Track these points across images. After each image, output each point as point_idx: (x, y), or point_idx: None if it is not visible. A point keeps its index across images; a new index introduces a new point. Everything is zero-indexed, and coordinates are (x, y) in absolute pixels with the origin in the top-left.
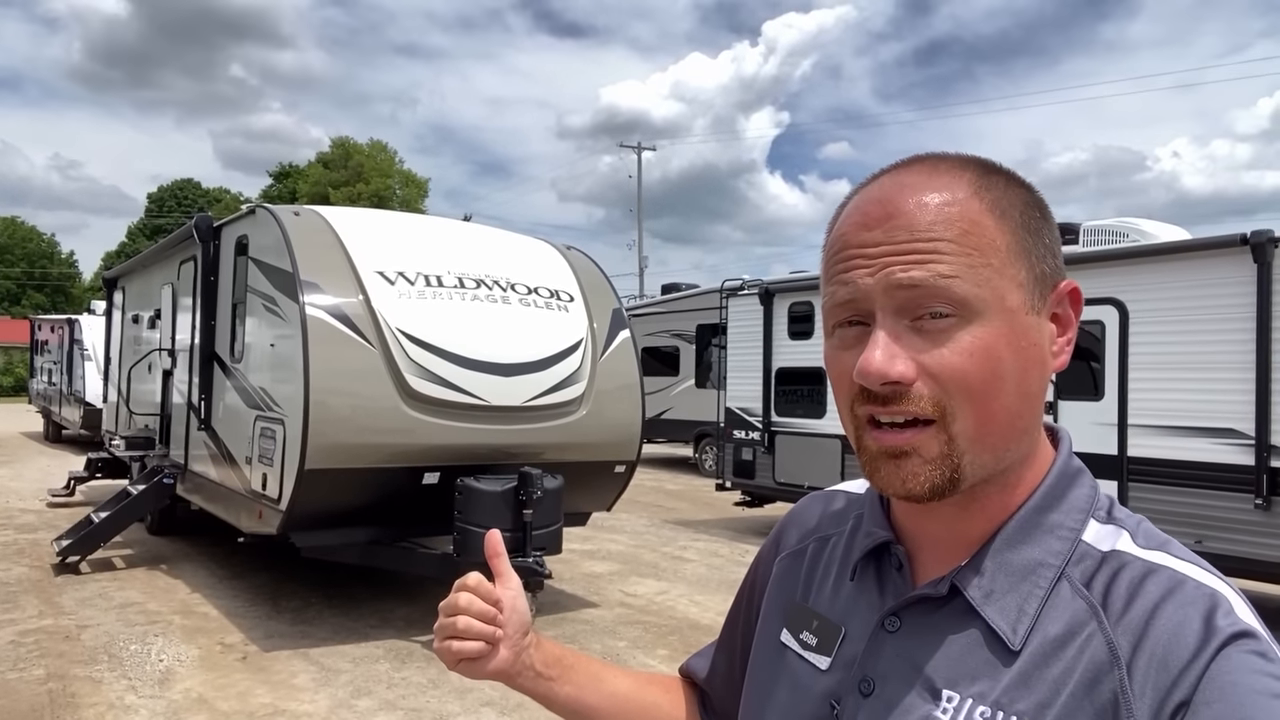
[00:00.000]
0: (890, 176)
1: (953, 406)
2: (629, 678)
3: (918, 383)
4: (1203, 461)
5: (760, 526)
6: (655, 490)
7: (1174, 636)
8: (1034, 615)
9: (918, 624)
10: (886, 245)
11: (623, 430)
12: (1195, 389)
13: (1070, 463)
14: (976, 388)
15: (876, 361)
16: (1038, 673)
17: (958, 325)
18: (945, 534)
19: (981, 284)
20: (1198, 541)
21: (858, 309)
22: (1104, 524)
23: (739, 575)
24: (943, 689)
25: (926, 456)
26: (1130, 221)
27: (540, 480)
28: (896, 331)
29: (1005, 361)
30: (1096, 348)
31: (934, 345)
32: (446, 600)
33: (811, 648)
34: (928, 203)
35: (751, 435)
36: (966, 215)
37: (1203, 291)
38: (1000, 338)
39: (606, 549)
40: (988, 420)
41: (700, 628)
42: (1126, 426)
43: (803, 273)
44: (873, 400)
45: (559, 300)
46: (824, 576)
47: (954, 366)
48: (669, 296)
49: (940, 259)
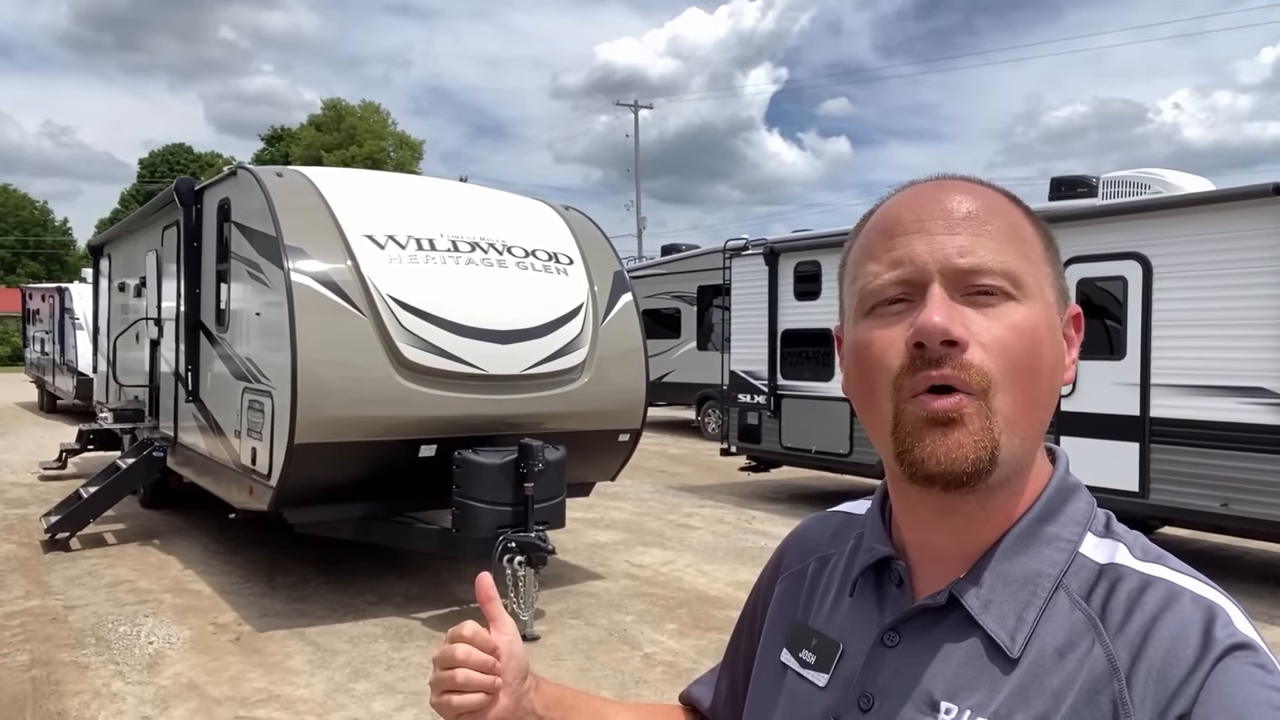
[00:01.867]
0: (932, 181)
1: (999, 381)
2: (631, 712)
3: (970, 350)
4: (1230, 421)
5: (766, 492)
6: (658, 455)
7: (1172, 648)
8: (1032, 624)
9: (916, 637)
10: (943, 222)
11: (627, 397)
12: (1223, 346)
13: (1067, 478)
14: (1019, 364)
15: (938, 318)
16: (1036, 684)
17: (1008, 303)
18: (948, 546)
19: (1028, 272)
20: (1223, 505)
21: (910, 284)
22: (1101, 538)
23: (746, 543)
24: (941, 700)
25: (972, 428)
26: (1152, 172)
27: (541, 452)
28: (952, 298)
29: (1045, 345)
30: (1117, 305)
31: (984, 318)
32: (441, 653)
33: (810, 665)
34: (977, 198)
35: (757, 399)
36: (1011, 214)
37: (1231, 244)
38: (1043, 323)
39: (610, 517)
40: (1025, 400)
41: (708, 599)
42: (1149, 386)
43: (807, 231)
44: (923, 367)
45: (558, 263)
46: (824, 595)
47: (1002, 339)
48: (669, 257)
49: (993, 242)
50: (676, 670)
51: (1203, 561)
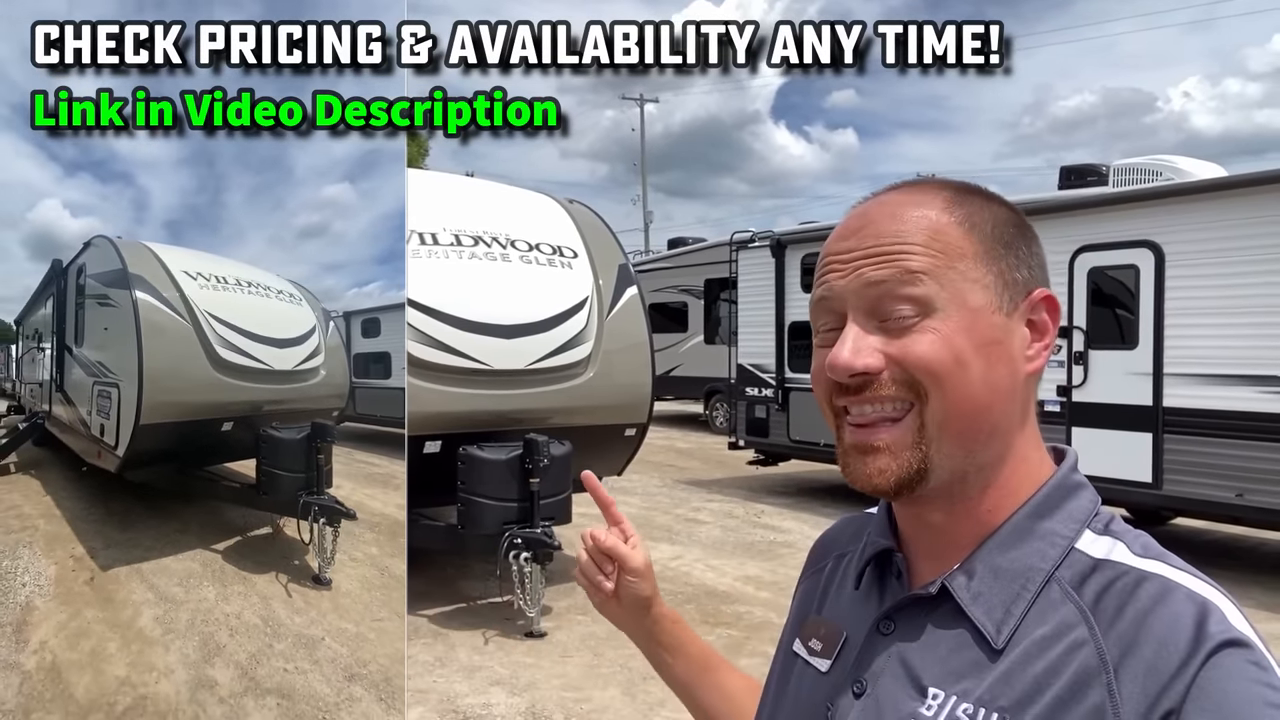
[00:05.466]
0: (874, 198)
1: (923, 391)
2: (738, 678)
3: (885, 372)
4: (1245, 411)
5: (775, 486)
6: (666, 449)
7: (1164, 643)
8: (1020, 616)
9: (910, 626)
10: (858, 250)
11: (633, 392)
12: (1237, 335)
13: (1071, 477)
14: (939, 372)
15: (843, 355)
16: (1021, 670)
17: (921, 320)
18: (936, 540)
19: (944, 284)
20: (1238, 495)
21: (833, 312)
22: (1100, 535)
23: (754, 537)
24: (929, 686)
25: (895, 451)
26: (1164, 159)
27: (547, 447)
28: (865, 329)
29: (966, 352)
30: (1129, 294)
31: (900, 340)
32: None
33: (816, 653)
34: (899, 214)
35: (764, 392)
36: (934, 225)
37: (1245, 231)
38: (960, 331)
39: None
40: (955, 406)
41: (717, 594)
42: (1163, 376)
43: (814, 223)
44: (845, 392)
45: (562, 257)
46: (838, 589)
47: (916, 354)
48: (675, 251)
49: (905, 259)
50: None
51: (1217, 553)
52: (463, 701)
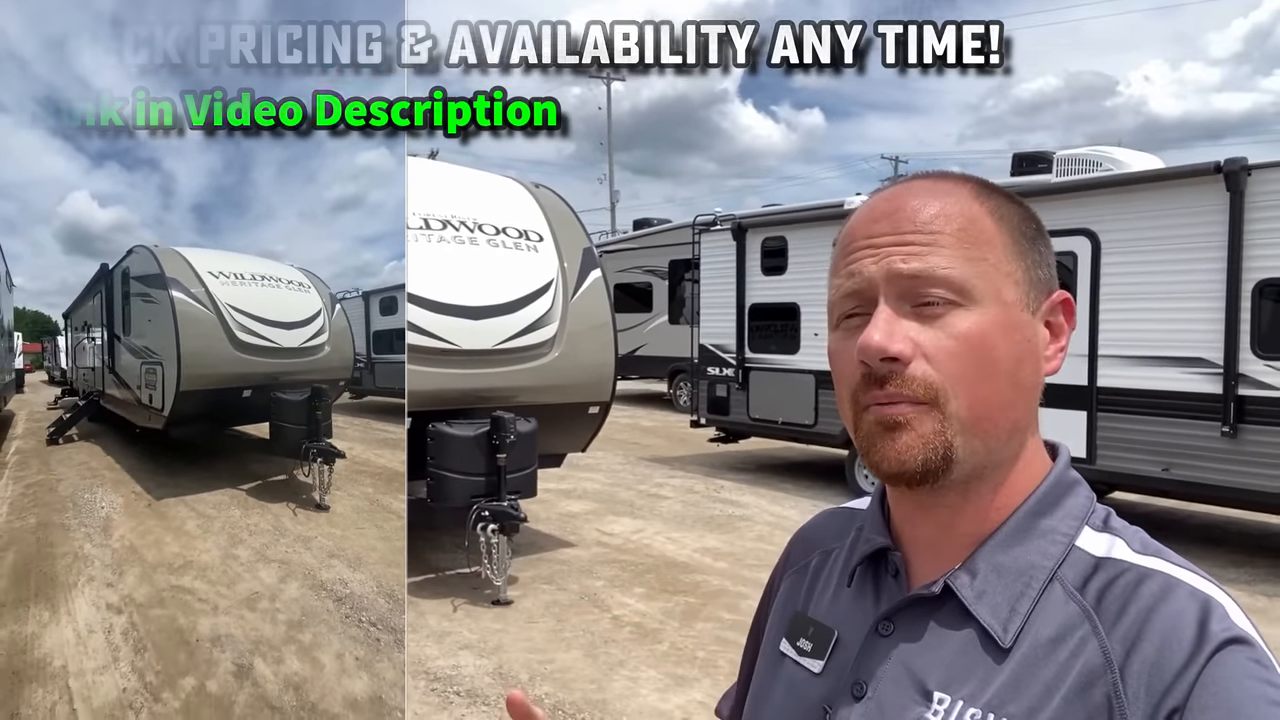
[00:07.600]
0: (900, 184)
1: (947, 389)
2: None
3: (914, 363)
4: (1171, 390)
5: (735, 462)
6: (630, 427)
7: (1167, 641)
8: (1025, 614)
9: (911, 627)
10: (891, 236)
11: (596, 371)
12: (1165, 319)
13: (1067, 473)
14: (969, 370)
15: (877, 338)
16: (1029, 675)
17: (954, 311)
18: (939, 536)
19: (979, 275)
20: (1165, 469)
21: (862, 297)
22: (1099, 531)
23: (714, 511)
24: (934, 690)
25: (920, 431)
26: (1103, 150)
27: (513, 424)
28: (898, 313)
29: (999, 348)
30: (1068, 279)
31: (931, 328)
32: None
33: (806, 653)
34: (932, 202)
35: (725, 372)
36: (966, 213)
37: (1175, 220)
38: (995, 326)
39: (583, 488)
40: (980, 404)
41: (676, 565)
42: (1097, 357)
43: (775, 206)
44: (873, 384)
45: (528, 240)
46: (825, 587)
47: (948, 349)
48: (641, 232)
49: (939, 250)
50: (644, 630)
51: (1150, 525)
52: (433, 664)
